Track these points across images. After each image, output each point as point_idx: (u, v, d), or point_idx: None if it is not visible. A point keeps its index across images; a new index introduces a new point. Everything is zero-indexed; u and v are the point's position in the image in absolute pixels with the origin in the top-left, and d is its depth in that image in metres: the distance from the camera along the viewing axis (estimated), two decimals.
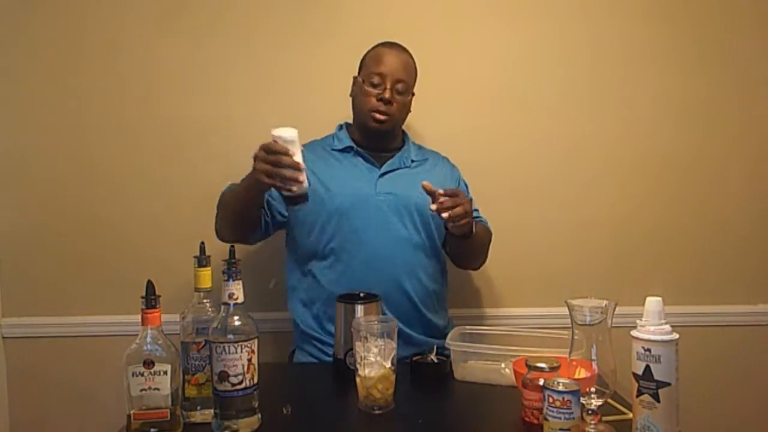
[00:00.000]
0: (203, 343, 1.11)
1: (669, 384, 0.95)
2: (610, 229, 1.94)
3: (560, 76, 1.92)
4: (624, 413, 1.12)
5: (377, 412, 1.15)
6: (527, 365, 1.11)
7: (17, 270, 1.90)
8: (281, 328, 1.75)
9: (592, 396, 1.01)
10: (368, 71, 1.57)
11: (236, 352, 1.04)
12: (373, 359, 1.15)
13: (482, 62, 1.92)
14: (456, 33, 1.91)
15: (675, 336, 0.97)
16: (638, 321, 0.99)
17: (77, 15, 1.87)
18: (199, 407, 1.12)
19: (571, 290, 1.15)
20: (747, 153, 1.94)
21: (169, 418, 1.04)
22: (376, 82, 1.54)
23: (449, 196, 1.35)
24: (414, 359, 1.37)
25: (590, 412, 1.01)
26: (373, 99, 1.54)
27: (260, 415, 1.09)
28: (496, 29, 1.92)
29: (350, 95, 1.64)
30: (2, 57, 1.87)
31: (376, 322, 1.20)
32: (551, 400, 0.97)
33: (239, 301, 1.06)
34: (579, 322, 1.03)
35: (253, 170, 1.32)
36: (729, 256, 1.95)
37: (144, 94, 1.89)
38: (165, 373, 1.03)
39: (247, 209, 1.48)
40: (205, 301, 1.15)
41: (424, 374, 1.34)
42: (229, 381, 1.04)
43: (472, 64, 1.92)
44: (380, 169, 1.59)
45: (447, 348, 1.37)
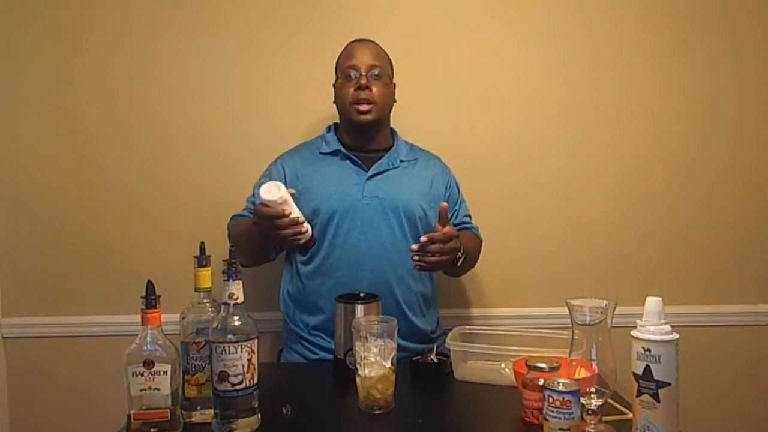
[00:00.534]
0: (203, 343, 1.11)
1: (669, 384, 0.95)
2: (610, 230, 1.94)
3: (560, 78, 1.92)
4: (624, 413, 1.12)
5: (377, 412, 1.15)
6: (527, 365, 1.11)
7: (17, 270, 1.90)
8: (272, 329, 1.75)
9: (592, 396, 1.00)
10: (342, 68, 1.60)
11: (236, 352, 1.04)
12: (373, 359, 1.15)
13: (482, 63, 1.92)
14: (456, 34, 1.91)
15: (675, 336, 0.97)
16: (638, 321, 0.99)
17: (77, 15, 1.87)
18: (199, 407, 1.12)
19: (571, 290, 1.15)
20: (747, 153, 1.94)
21: (169, 418, 1.04)
22: (351, 75, 1.56)
23: (440, 241, 1.39)
24: (414, 359, 1.37)
25: (590, 412, 1.01)
26: (352, 90, 1.55)
27: (260, 415, 1.08)
28: (496, 30, 1.92)
29: (333, 102, 1.65)
30: (2, 57, 1.88)
31: (376, 322, 1.20)
32: (551, 400, 0.97)
33: (239, 301, 1.06)
34: (579, 322, 1.03)
35: (262, 232, 1.40)
36: (729, 256, 1.95)
37: (144, 95, 1.89)
38: (165, 373, 1.03)
39: (259, 249, 1.56)
40: (205, 301, 1.15)
41: (424, 374, 1.34)
42: (229, 381, 1.04)
43: (472, 66, 1.92)
44: (368, 172, 1.59)
45: (447, 348, 1.37)
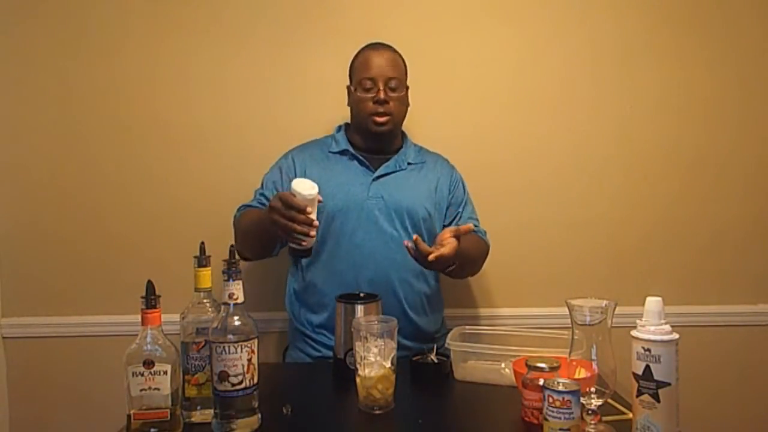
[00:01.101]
0: (203, 343, 1.11)
1: (669, 384, 0.95)
2: (610, 230, 1.94)
3: (560, 77, 1.92)
4: (624, 413, 1.12)
5: (377, 412, 1.15)
6: (527, 365, 1.11)
7: (17, 270, 1.90)
8: (281, 328, 1.75)
9: (592, 396, 1.01)
10: (358, 78, 1.59)
11: (236, 352, 1.04)
12: (373, 359, 1.15)
13: (482, 63, 1.92)
14: (456, 34, 1.91)
15: (675, 336, 0.97)
16: (638, 321, 0.99)
17: (78, 15, 1.87)
18: (199, 407, 1.12)
19: (571, 290, 1.15)
20: (747, 153, 1.94)
21: (169, 418, 1.04)
22: (369, 87, 1.57)
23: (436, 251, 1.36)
24: (414, 359, 1.37)
25: (590, 412, 1.01)
26: (370, 103, 1.56)
27: (260, 415, 1.09)
28: (497, 31, 1.92)
29: (347, 105, 1.66)
30: (2, 57, 1.88)
31: (376, 322, 1.20)
32: (551, 400, 0.97)
33: (239, 301, 1.06)
34: (579, 322, 1.03)
35: (270, 223, 1.35)
36: (729, 256, 1.95)
37: (144, 95, 1.89)
38: (165, 373, 1.03)
39: (266, 242, 1.53)
40: (205, 301, 1.15)
41: (424, 374, 1.34)
42: (229, 381, 1.04)
43: (472, 65, 1.92)
44: (374, 173, 1.60)
45: (447, 348, 1.37)
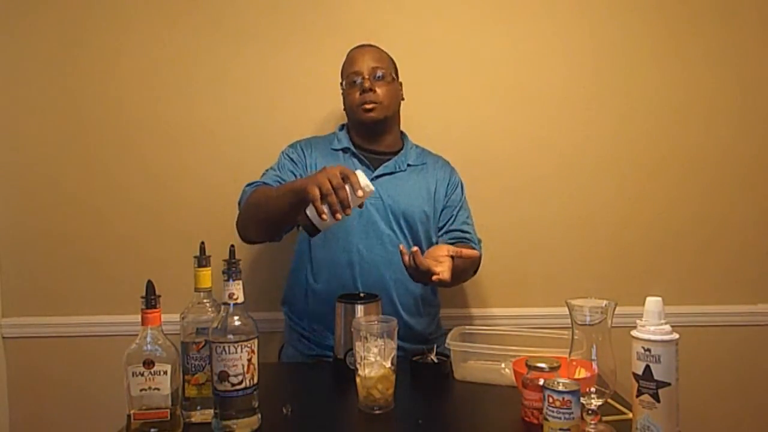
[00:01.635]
0: (203, 343, 1.11)
1: (669, 384, 0.95)
2: (611, 229, 1.94)
3: (560, 76, 1.92)
4: (624, 413, 1.12)
5: (377, 412, 1.15)
6: (527, 365, 1.11)
7: (17, 270, 1.90)
8: (281, 328, 1.75)
9: (592, 396, 1.01)
10: (346, 76, 1.63)
11: (236, 352, 1.04)
12: (373, 359, 1.15)
13: (481, 61, 1.92)
14: (456, 33, 1.91)
15: (675, 336, 0.97)
16: (638, 321, 0.99)
17: (80, 14, 1.87)
18: (199, 407, 1.12)
19: (571, 290, 1.15)
20: (747, 152, 1.94)
21: (169, 418, 1.04)
22: (355, 80, 1.60)
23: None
24: (414, 359, 1.37)
25: (590, 412, 1.01)
26: (357, 94, 1.59)
27: (260, 415, 1.08)
28: (496, 29, 1.92)
29: (343, 109, 1.67)
30: (3, 57, 1.88)
31: (376, 322, 1.20)
32: (551, 400, 0.97)
33: (239, 301, 1.06)
34: (579, 322, 1.03)
35: (314, 178, 1.24)
36: (729, 256, 1.94)
37: (144, 95, 1.89)
38: (165, 373, 1.03)
39: (286, 213, 1.37)
40: (205, 301, 1.15)
41: (424, 374, 1.34)
42: (229, 381, 1.04)
43: (472, 63, 1.92)
44: (374, 172, 1.60)
45: (447, 348, 1.37)
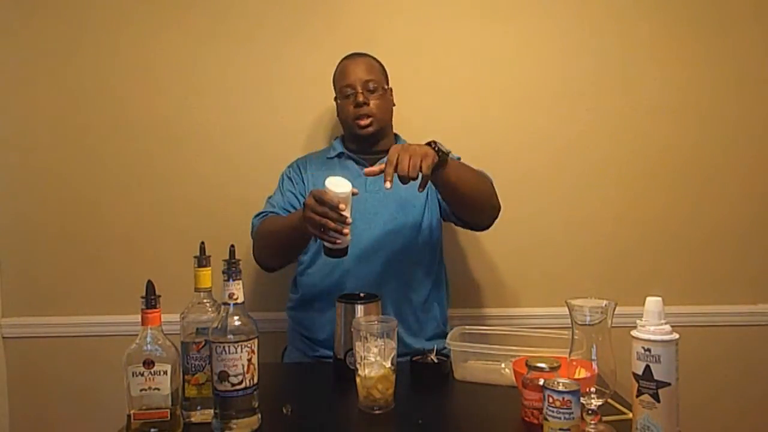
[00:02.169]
0: (203, 343, 1.11)
1: (669, 384, 0.95)
2: (610, 229, 1.94)
3: (558, 75, 1.92)
4: (624, 413, 1.12)
5: (377, 412, 1.15)
6: (527, 365, 1.11)
7: (17, 270, 1.90)
8: (281, 328, 1.75)
9: (592, 396, 1.00)
10: (338, 88, 1.66)
11: (236, 352, 1.04)
12: (373, 359, 1.15)
13: (479, 61, 1.92)
14: (453, 31, 1.91)
15: (675, 336, 0.97)
16: (638, 321, 0.99)
17: (80, 14, 1.87)
18: (199, 407, 1.12)
19: (571, 290, 1.15)
20: (747, 152, 1.94)
21: (169, 418, 1.04)
22: (348, 93, 1.62)
23: (393, 162, 1.26)
24: (414, 359, 1.37)
25: (590, 412, 1.01)
26: (351, 107, 1.61)
27: (260, 415, 1.08)
28: (495, 29, 1.92)
29: (337, 116, 1.70)
30: (3, 57, 1.88)
31: (376, 322, 1.20)
32: (551, 400, 0.97)
33: (239, 301, 1.06)
34: (579, 322, 1.03)
35: (302, 216, 1.33)
36: (729, 256, 1.94)
37: (144, 95, 1.89)
38: (165, 373, 1.03)
39: (297, 244, 1.52)
40: (205, 301, 1.15)
41: (424, 374, 1.34)
42: (229, 381, 1.04)
43: (469, 63, 1.92)
44: None
45: (447, 348, 1.37)
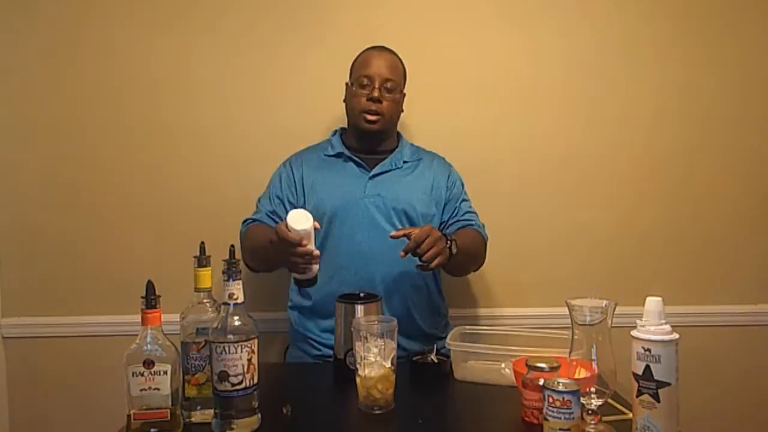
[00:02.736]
0: (203, 343, 1.11)
1: (669, 384, 0.95)
2: (611, 230, 1.94)
3: (559, 77, 1.92)
4: (624, 413, 1.12)
5: (377, 412, 1.15)
6: (527, 365, 1.11)
7: (17, 270, 1.90)
8: (281, 328, 1.75)
9: (592, 396, 1.01)
10: (357, 74, 1.61)
11: (236, 352, 1.04)
12: (373, 359, 1.15)
13: (480, 63, 1.92)
14: (456, 33, 1.91)
15: (675, 336, 0.97)
16: (638, 321, 0.99)
17: (78, 14, 1.87)
18: (199, 407, 1.12)
19: (571, 290, 1.15)
20: (747, 152, 1.94)
21: (169, 418, 1.04)
22: (365, 84, 1.58)
23: (418, 241, 1.35)
24: (414, 359, 1.37)
25: (590, 412, 1.01)
26: (363, 99, 1.58)
27: (260, 415, 1.09)
28: (497, 30, 1.92)
29: (343, 101, 1.68)
30: (3, 57, 1.87)
31: (376, 322, 1.20)
32: (551, 400, 0.97)
33: (239, 301, 1.06)
34: (579, 322, 1.03)
35: (274, 255, 1.39)
36: (729, 256, 1.94)
37: (143, 95, 1.89)
38: (165, 373, 1.03)
39: (271, 263, 1.57)
40: (205, 301, 1.15)
41: (424, 374, 1.34)
42: (229, 381, 1.04)
43: (470, 65, 1.92)
44: (370, 172, 1.61)
45: (447, 348, 1.37)
